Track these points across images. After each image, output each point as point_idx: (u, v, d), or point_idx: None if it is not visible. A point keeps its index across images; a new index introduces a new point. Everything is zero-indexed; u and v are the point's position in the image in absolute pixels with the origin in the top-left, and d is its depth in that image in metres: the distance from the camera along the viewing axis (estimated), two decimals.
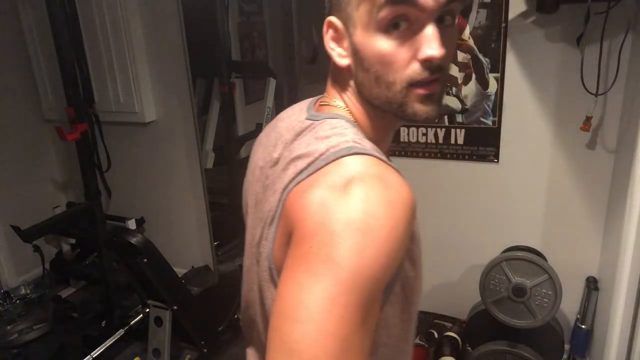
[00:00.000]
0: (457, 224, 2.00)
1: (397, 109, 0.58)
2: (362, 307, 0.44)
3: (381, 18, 0.53)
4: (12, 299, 2.24)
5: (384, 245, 0.46)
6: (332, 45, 0.61)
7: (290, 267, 0.48)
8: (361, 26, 0.56)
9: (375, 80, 0.57)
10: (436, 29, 0.53)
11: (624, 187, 1.37)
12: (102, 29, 2.29)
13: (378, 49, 0.55)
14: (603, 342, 1.51)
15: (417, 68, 0.55)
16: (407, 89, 0.56)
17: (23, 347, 2.12)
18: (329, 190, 0.49)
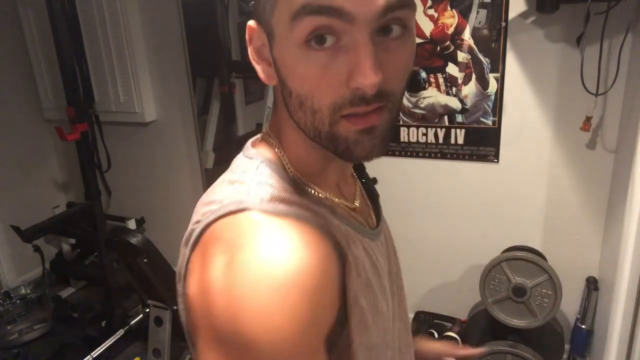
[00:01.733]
0: (457, 224, 2.00)
1: (327, 144, 0.46)
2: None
3: (298, 31, 0.41)
4: (12, 299, 2.24)
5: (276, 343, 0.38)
6: (256, 59, 0.49)
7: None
8: (279, 38, 0.44)
9: (299, 105, 0.45)
10: (370, 47, 0.41)
11: (624, 187, 1.37)
12: (102, 29, 2.29)
13: (298, 68, 0.43)
14: (603, 342, 1.51)
15: (347, 96, 0.42)
16: (335, 122, 0.44)
17: (23, 347, 2.12)
18: (208, 269, 0.42)
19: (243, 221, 0.44)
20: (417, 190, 2.03)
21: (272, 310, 0.39)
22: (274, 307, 0.39)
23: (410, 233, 2.08)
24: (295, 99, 0.45)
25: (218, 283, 0.41)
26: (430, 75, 1.84)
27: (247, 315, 0.39)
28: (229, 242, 0.43)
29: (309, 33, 0.41)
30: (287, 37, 0.43)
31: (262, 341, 0.39)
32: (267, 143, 0.54)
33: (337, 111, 0.43)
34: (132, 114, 2.39)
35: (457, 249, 2.02)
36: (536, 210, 1.84)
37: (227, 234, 0.44)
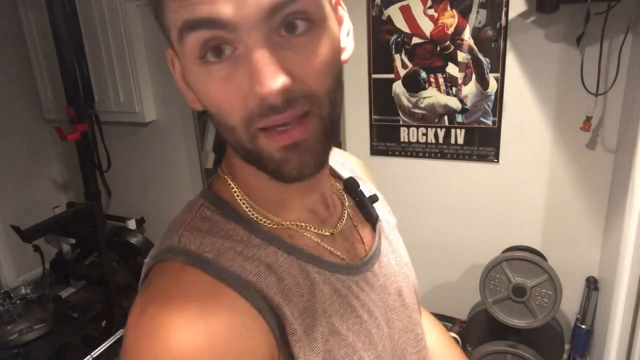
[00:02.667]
0: (457, 224, 2.00)
1: (256, 163, 0.43)
2: None
3: (188, 47, 0.39)
4: (12, 299, 2.24)
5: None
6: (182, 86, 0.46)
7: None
8: (182, 60, 0.43)
9: (218, 124, 0.43)
10: (262, 52, 0.37)
11: (624, 187, 1.37)
12: (102, 29, 2.29)
13: (201, 86, 0.41)
14: (603, 342, 1.51)
15: (256, 108, 0.39)
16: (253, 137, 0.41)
17: (23, 347, 2.12)
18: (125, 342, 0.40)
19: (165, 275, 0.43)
20: (417, 190, 2.03)
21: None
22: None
23: (410, 233, 2.08)
24: (213, 119, 0.43)
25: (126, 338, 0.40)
26: (430, 75, 1.84)
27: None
28: (147, 295, 0.42)
29: (200, 49, 0.39)
30: (185, 57, 0.41)
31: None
32: (221, 178, 0.51)
33: (250, 125, 0.40)
34: (132, 114, 2.39)
35: (457, 249, 2.02)
36: (536, 210, 1.84)
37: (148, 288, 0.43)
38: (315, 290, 0.47)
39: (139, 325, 0.39)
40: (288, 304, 0.44)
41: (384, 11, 1.83)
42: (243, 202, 0.48)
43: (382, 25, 1.85)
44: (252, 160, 0.43)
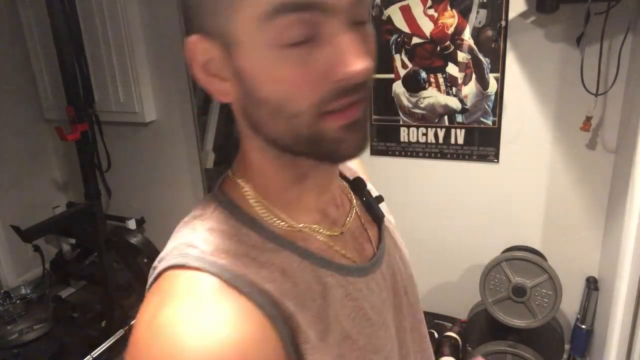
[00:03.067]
0: (457, 224, 2.00)
1: (308, 149, 0.43)
2: None
3: (275, 30, 0.38)
4: (12, 299, 2.24)
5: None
6: (203, 77, 0.44)
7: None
8: (244, 43, 0.40)
9: (273, 115, 0.42)
10: (352, 34, 0.39)
11: (624, 187, 1.37)
12: (102, 29, 2.29)
13: (273, 71, 0.40)
14: (603, 342, 1.51)
15: (329, 91, 0.40)
16: (318, 120, 0.41)
17: (23, 347, 2.12)
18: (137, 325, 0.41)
19: (178, 281, 0.41)
20: (417, 190, 2.03)
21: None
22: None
23: (410, 233, 2.08)
24: (269, 108, 0.42)
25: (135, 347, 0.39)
26: (430, 75, 1.84)
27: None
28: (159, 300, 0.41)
29: (288, 31, 0.38)
30: (257, 40, 0.39)
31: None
32: (232, 180, 0.50)
33: (320, 109, 0.41)
34: (132, 114, 2.39)
35: (457, 249, 2.02)
36: (536, 210, 1.84)
37: (161, 293, 0.42)
38: (328, 295, 0.46)
39: (151, 330, 0.39)
40: (301, 311, 0.43)
41: (384, 11, 1.83)
42: (257, 205, 0.48)
43: (382, 25, 1.85)
44: (301, 146, 0.43)
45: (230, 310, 0.39)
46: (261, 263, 0.44)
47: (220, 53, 0.42)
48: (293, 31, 0.38)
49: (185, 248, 0.43)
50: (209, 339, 0.37)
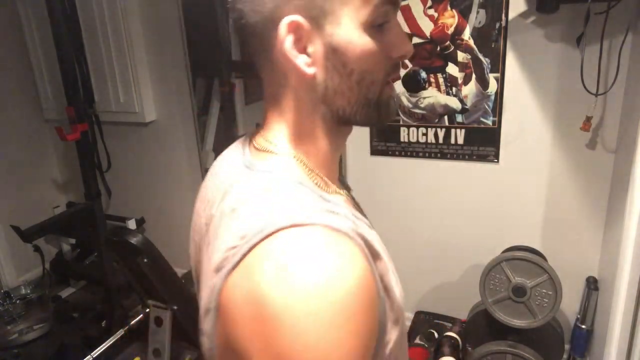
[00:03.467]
0: (457, 224, 2.00)
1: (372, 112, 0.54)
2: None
3: (375, 16, 0.49)
4: (12, 299, 2.24)
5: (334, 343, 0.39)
6: (295, 53, 0.50)
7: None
8: (345, 23, 0.49)
9: (357, 83, 0.51)
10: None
11: (624, 187, 1.37)
12: (102, 29, 2.29)
13: (367, 47, 0.50)
14: (603, 342, 1.51)
15: (392, 65, 0.53)
16: (383, 88, 0.53)
17: (23, 347, 2.12)
18: (261, 293, 0.40)
19: (298, 237, 0.43)
20: (417, 190, 2.03)
21: (337, 331, 0.39)
22: (338, 328, 0.39)
23: (410, 233, 2.08)
24: (355, 77, 0.51)
25: (275, 302, 0.39)
26: (430, 75, 1.84)
27: (311, 336, 0.38)
28: (287, 259, 0.41)
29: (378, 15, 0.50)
30: (355, 20, 0.49)
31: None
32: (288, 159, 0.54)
33: (386, 78, 0.53)
34: (132, 114, 2.39)
35: (457, 249, 2.02)
36: (536, 211, 1.84)
37: (280, 252, 0.42)
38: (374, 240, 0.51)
39: (291, 282, 0.39)
40: (379, 250, 0.50)
41: None
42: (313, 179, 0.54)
43: None
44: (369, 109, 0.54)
45: (349, 250, 0.43)
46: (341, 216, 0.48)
47: (315, 31, 0.49)
48: (380, 16, 0.50)
49: (289, 212, 0.45)
50: (348, 274, 0.41)
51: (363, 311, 0.41)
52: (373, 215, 2.36)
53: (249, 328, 0.41)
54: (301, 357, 0.38)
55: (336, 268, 0.41)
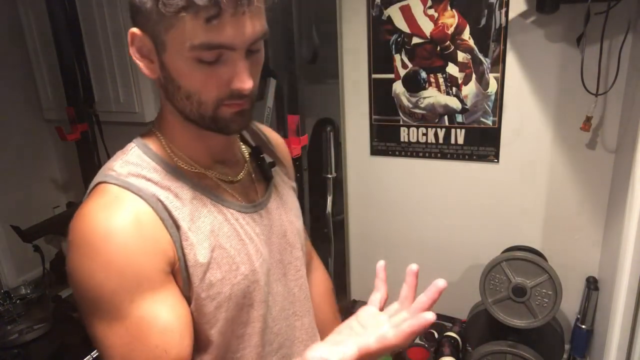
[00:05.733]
0: (457, 224, 2.00)
1: (210, 125, 0.64)
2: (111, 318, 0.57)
3: (195, 54, 0.57)
4: (12, 299, 2.24)
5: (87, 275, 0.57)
6: (138, 56, 0.63)
7: None
8: (171, 51, 0.59)
9: (187, 97, 0.62)
10: (245, 63, 0.60)
11: (624, 187, 1.37)
12: (102, 29, 2.29)
13: (189, 74, 0.59)
14: (603, 342, 1.51)
15: (227, 93, 0.61)
16: (218, 107, 0.62)
17: (23, 347, 2.12)
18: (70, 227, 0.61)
19: (95, 192, 0.63)
20: (417, 190, 2.03)
21: (84, 266, 0.57)
22: (86, 264, 0.57)
23: (410, 233, 2.08)
24: (183, 92, 0.61)
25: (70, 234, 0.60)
26: (430, 75, 1.84)
27: (76, 265, 0.58)
28: (85, 202, 0.62)
29: (203, 55, 0.57)
30: (182, 53, 0.58)
31: (85, 295, 0.58)
32: (150, 133, 0.72)
33: (220, 102, 0.61)
34: (132, 114, 2.39)
35: (457, 249, 2.02)
36: (536, 211, 1.84)
37: (86, 200, 0.63)
38: (210, 217, 0.66)
39: (76, 217, 0.60)
40: (186, 221, 0.63)
41: (384, 11, 1.83)
42: (168, 150, 0.69)
43: (382, 25, 1.85)
44: (205, 122, 0.63)
45: (127, 202, 0.60)
46: (161, 186, 0.64)
47: (152, 46, 0.61)
48: (206, 56, 0.58)
49: (107, 171, 0.64)
50: (106, 219, 0.58)
51: (115, 250, 0.56)
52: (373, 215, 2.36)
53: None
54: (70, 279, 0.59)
55: (95, 214, 0.59)
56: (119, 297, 0.56)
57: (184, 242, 0.62)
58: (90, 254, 0.57)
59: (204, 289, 0.63)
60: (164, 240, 0.60)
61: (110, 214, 0.58)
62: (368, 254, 2.19)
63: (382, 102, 1.95)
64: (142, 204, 0.60)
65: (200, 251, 0.63)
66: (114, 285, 0.56)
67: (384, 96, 1.94)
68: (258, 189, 0.77)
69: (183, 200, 0.64)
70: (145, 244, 0.58)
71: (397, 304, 0.63)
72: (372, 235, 2.15)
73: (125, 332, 0.57)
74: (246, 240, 0.69)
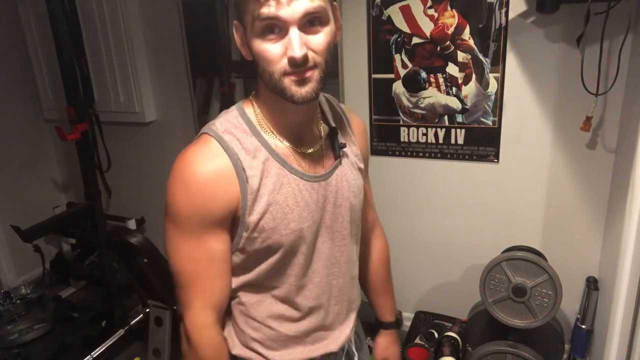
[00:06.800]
0: (457, 224, 2.00)
1: (280, 93, 0.74)
2: (180, 229, 0.79)
3: (257, 27, 0.70)
4: (12, 299, 2.24)
5: (176, 197, 0.79)
6: (240, 44, 0.78)
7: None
8: (248, 30, 0.73)
9: (262, 71, 0.74)
10: (297, 33, 0.69)
11: (624, 187, 1.37)
12: (102, 29, 2.29)
13: (259, 48, 0.72)
14: (603, 342, 1.51)
15: (286, 63, 0.71)
16: (282, 77, 0.73)
17: (23, 347, 2.12)
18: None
19: (198, 139, 0.81)
20: (417, 190, 2.03)
21: (175, 191, 0.78)
22: (177, 190, 0.78)
23: (411, 233, 2.08)
24: (260, 67, 0.75)
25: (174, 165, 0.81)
26: (430, 75, 1.84)
27: (169, 189, 0.80)
28: (186, 148, 0.81)
29: (261, 30, 0.71)
30: (252, 31, 0.72)
31: (169, 208, 0.80)
32: (249, 100, 0.86)
33: (283, 73, 0.72)
34: (132, 114, 2.39)
35: (457, 249, 2.02)
36: (536, 210, 1.84)
37: (191, 144, 0.81)
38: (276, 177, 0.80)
39: (180, 155, 0.81)
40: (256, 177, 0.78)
41: (384, 11, 1.83)
42: (258, 118, 0.83)
43: (382, 25, 1.85)
44: (277, 90, 0.74)
45: (215, 156, 0.77)
46: (244, 145, 0.79)
47: (243, 32, 0.76)
48: (265, 29, 0.71)
49: (212, 125, 0.81)
50: (204, 167, 0.77)
51: (196, 188, 0.76)
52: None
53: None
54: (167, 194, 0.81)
55: (193, 158, 0.79)
56: (191, 219, 0.77)
57: (249, 195, 0.77)
58: (182, 183, 0.77)
59: (257, 230, 0.79)
60: (234, 191, 0.77)
61: (202, 161, 0.77)
62: None
63: (382, 102, 1.95)
64: (226, 160, 0.76)
65: (260, 203, 0.78)
66: (189, 211, 0.77)
67: (384, 96, 1.94)
68: (326, 164, 0.88)
69: (258, 160, 0.78)
70: (218, 191, 0.76)
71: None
72: None
73: (187, 246, 0.79)
74: (301, 203, 0.82)
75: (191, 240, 0.79)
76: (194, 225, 0.78)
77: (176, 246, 0.80)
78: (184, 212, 0.77)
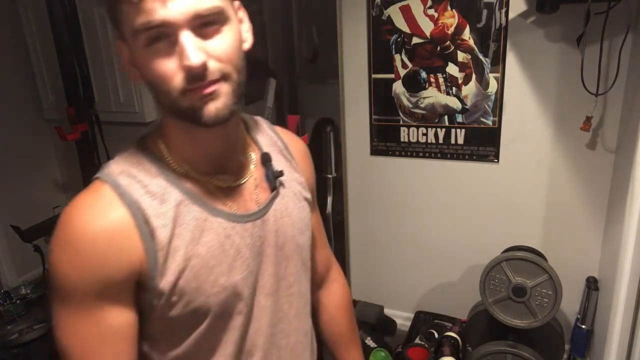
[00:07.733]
0: (457, 224, 2.00)
1: (184, 115, 0.60)
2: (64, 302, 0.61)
3: (140, 40, 0.56)
4: (12, 299, 2.24)
5: (58, 262, 0.61)
6: (127, 66, 0.63)
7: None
8: (131, 46, 0.59)
9: (158, 91, 0.59)
10: (190, 37, 0.55)
11: (624, 187, 1.37)
12: (102, 29, 2.29)
13: (147, 66, 0.58)
14: (603, 342, 1.51)
15: (184, 76, 0.56)
16: (181, 96, 0.58)
17: (23, 347, 2.12)
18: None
19: (90, 187, 0.65)
20: (417, 190, 2.03)
21: (58, 255, 0.60)
22: (59, 253, 0.60)
23: (411, 233, 2.08)
24: (153, 87, 0.59)
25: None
26: (430, 75, 1.84)
27: (50, 253, 0.61)
28: (75, 197, 0.65)
29: (145, 42, 0.56)
30: (134, 45, 0.58)
31: (52, 275, 0.61)
32: (152, 135, 0.70)
33: (184, 88, 0.57)
34: (132, 114, 2.39)
35: (457, 249, 2.02)
36: (536, 210, 1.84)
37: (83, 192, 0.65)
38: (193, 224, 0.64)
39: (67, 207, 0.63)
40: (166, 228, 0.62)
41: (384, 11, 1.83)
42: (163, 153, 0.67)
43: (382, 25, 1.85)
44: (180, 112, 0.60)
45: (109, 207, 0.61)
46: (148, 189, 0.62)
47: (129, 51, 0.60)
48: (150, 40, 0.55)
49: (105, 167, 0.65)
50: (95, 223, 0.59)
51: (83, 250, 0.59)
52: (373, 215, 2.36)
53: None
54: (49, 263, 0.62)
55: (78, 212, 0.62)
56: (78, 291, 0.60)
57: (159, 252, 0.61)
58: (65, 245, 0.60)
59: (175, 294, 0.63)
60: (134, 249, 0.60)
61: (90, 216, 0.60)
62: (368, 253, 2.19)
63: (382, 102, 1.95)
64: (122, 211, 0.60)
65: (175, 259, 0.62)
66: (75, 279, 0.60)
67: (384, 96, 1.94)
68: (260, 198, 0.72)
69: (167, 205, 0.62)
70: (111, 252, 0.59)
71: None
72: (372, 235, 2.15)
73: (75, 323, 0.62)
74: (231, 251, 0.66)
75: (79, 315, 0.61)
76: (82, 297, 0.60)
77: (61, 321, 0.62)
78: (68, 280, 0.60)
